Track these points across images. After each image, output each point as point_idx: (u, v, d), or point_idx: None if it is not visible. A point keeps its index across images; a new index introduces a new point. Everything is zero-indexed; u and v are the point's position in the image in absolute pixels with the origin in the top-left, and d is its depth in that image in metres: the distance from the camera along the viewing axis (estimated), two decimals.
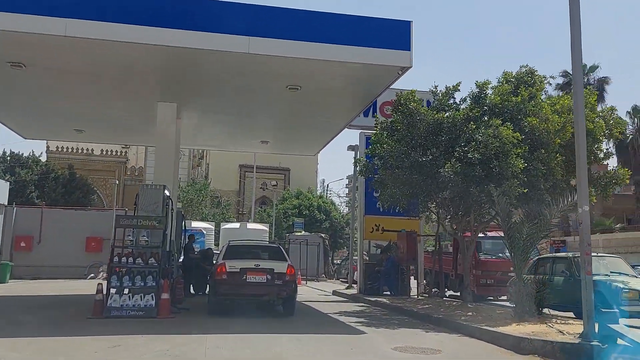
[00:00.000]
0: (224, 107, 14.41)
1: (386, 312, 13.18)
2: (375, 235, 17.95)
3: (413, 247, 16.15)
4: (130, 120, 16.09)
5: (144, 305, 10.33)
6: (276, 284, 10.84)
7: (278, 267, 11.05)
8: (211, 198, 43.74)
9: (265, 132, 17.18)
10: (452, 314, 11.40)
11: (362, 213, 18.02)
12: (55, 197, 35.33)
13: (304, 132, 17.10)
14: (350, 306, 14.46)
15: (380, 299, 15.18)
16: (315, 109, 14.36)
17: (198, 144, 19.74)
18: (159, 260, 10.66)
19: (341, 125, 16.27)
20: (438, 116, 12.01)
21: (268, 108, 14.44)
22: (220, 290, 10.78)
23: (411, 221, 17.83)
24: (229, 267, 10.82)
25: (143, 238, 10.64)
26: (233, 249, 11.96)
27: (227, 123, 16.05)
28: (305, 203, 44.57)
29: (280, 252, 11.93)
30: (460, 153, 11.16)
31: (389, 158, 12.29)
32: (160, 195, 11.39)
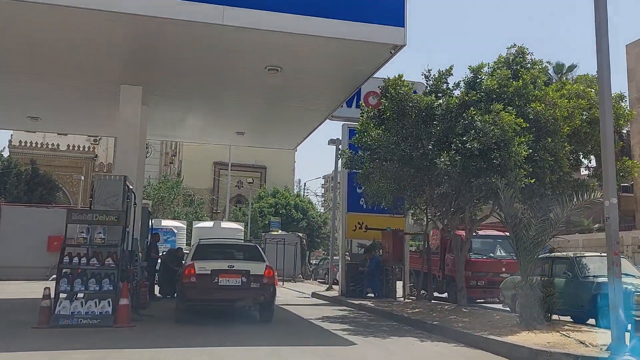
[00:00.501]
0: (196, 92, 13.06)
1: (373, 317, 12.03)
2: (359, 233, 16.81)
3: (399, 246, 15.06)
4: (91, 107, 14.58)
5: (99, 313, 8.96)
6: (252, 288, 9.58)
7: (254, 268, 9.80)
8: (184, 196, 42.09)
9: (241, 122, 15.87)
10: (447, 319, 10.32)
11: (344, 210, 16.86)
12: (17, 194, 33.57)
13: (283, 123, 15.85)
14: (332, 310, 13.27)
15: (364, 302, 14.04)
16: (296, 96, 13.13)
17: (168, 136, 18.31)
18: (118, 261, 9.29)
19: (323, 115, 15.07)
20: (430, 100, 10.89)
21: (245, 94, 13.15)
22: (188, 295, 9.46)
23: (396, 219, 16.78)
24: (198, 268, 9.52)
25: (99, 235, 9.25)
26: (203, 248, 10.66)
27: (199, 111, 14.70)
28: (282, 202, 43.35)
29: (257, 252, 10.67)
30: (458, 143, 10.07)
31: (377, 149, 11.15)
32: (120, 187, 10.01)
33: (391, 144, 11.01)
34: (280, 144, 19.30)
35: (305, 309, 13.62)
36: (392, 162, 10.90)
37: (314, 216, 45.68)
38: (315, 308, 14.09)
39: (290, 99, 13.40)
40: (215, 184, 48.79)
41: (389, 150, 10.97)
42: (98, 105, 14.32)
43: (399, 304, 13.91)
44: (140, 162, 13.93)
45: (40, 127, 17.04)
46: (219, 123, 15.97)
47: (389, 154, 10.94)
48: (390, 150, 10.96)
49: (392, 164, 10.88)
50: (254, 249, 10.95)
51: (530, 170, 9.75)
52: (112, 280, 9.19)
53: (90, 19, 8.90)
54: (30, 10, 8.54)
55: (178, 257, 15.10)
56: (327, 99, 13.48)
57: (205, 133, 17.66)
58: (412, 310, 12.17)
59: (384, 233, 15.78)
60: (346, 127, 16.98)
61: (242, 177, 48.40)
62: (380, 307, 12.98)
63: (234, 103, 13.84)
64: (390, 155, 10.92)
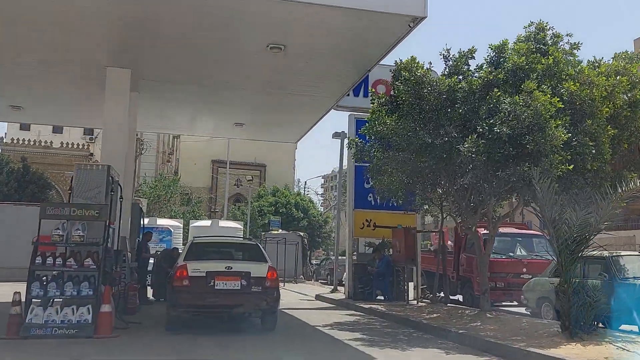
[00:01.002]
0: (190, 76, 11.90)
1: (386, 323, 10.87)
2: (367, 232, 15.63)
3: (412, 245, 13.88)
4: (77, 96, 13.44)
5: (77, 321, 7.79)
6: (253, 292, 8.41)
7: (256, 269, 8.63)
8: (181, 195, 40.87)
9: (239, 112, 14.70)
10: (472, 326, 9.17)
11: (351, 207, 15.68)
12: (7, 191, 32.37)
13: (285, 113, 14.69)
14: (340, 315, 12.11)
15: (374, 306, 12.88)
16: (300, 81, 11.99)
17: (161, 127, 17.15)
18: (99, 262, 8.12)
19: (329, 104, 13.93)
20: (452, 82, 9.73)
21: (244, 78, 12.00)
22: (180, 300, 8.29)
23: (407, 216, 15.64)
24: (191, 270, 8.34)
25: (77, 232, 8.08)
26: (198, 247, 9.50)
27: (194, 99, 13.52)
28: (282, 200, 42.29)
29: (258, 251, 9.50)
30: (484, 127, 8.90)
31: (392, 138, 9.98)
32: (103, 178, 8.84)
33: (408, 132, 9.84)
34: (282, 137, 18.13)
35: (311, 313, 12.45)
36: (408, 151, 9.73)
37: (314, 215, 44.61)
38: (322, 312, 12.92)
39: (293, 84, 12.26)
40: (213, 183, 47.55)
41: (405, 139, 9.80)
42: (85, 94, 13.17)
43: (413, 308, 12.75)
44: (130, 153, 12.79)
45: (23, 117, 15.84)
46: (216, 113, 14.80)
47: (405, 142, 9.77)
48: (407, 139, 9.79)
49: (409, 153, 9.71)
50: (255, 248, 9.77)
51: (569, 158, 8.58)
52: (93, 283, 8.02)
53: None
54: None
55: (173, 257, 13.89)
56: (333, 85, 12.34)
57: (202, 124, 16.49)
58: (429, 316, 11.02)
59: (394, 231, 14.61)
60: (353, 117, 15.79)
61: (241, 176, 47.20)
62: (393, 311, 11.82)
63: (232, 89, 12.68)
64: (407, 144, 9.75)
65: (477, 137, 8.78)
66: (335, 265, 18.77)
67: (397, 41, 9.74)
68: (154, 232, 26.23)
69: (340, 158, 18.55)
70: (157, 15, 8.99)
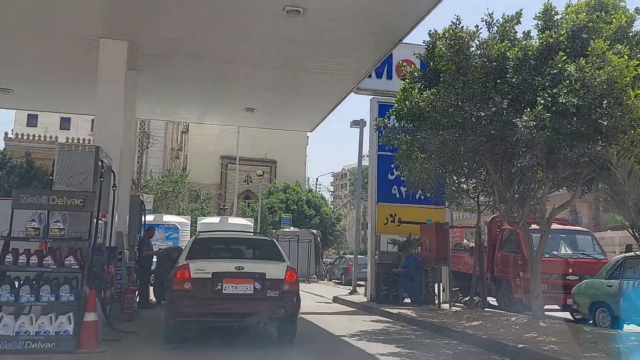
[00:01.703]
0: (196, 50, 10.50)
1: (421, 331, 9.37)
2: (391, 228, 14.14)
3: (443, 242, 12.37)
4: (70, 77, 12.07)
5: (56, 333, 6.38)
6: (269, 297, 6.96)
7: (272, 270, 7.18)
8: (189, 191, 39.57)
9: (250, 95, 13.25)
10: (529, 338, 7.66)
11: (373, 200, 14.20)
12: (8, 187, 31.39)
13: (301, 95, 13.23)
14: (366, 322, 10.62)
15: (403, 311, 11.38)
16: (319, 54, 10.55)
17: (165, 114, 15.74)
18: (84, 260, 6.70)
19: (350, 84, 12.45)
20: (503, 47, 8.21)
21: (256, 53, 10.57)
22: (180, 307, 6.85)
23: (435, 210, 14.19)
24: (194, 271, 6.90)
25: (57, 225, 6.67)
26: (203, 243, 8.07)
27: (200, 80, 12.09)
28: (293, 197, 40.87)
29: (274, 249, 8.01)
30: (546, 98, 7.38)
31: (430, 115, 8.48)
32: (90, 162, 7.43)
33: (449, 107, 8.34)
34: (296, 125, 16.64)
35: (332, 319, 11.00)
36: (449, 130, 8.22)
37: (327, 212, 43.17)
38: (344, 318, 11.47)
39: (311, 59, 10.80)
40: (222, 179, 46.13)
41: (445, 115, 8.29)
42: (78, 75, 11.81)
43: (447, 313, 11.25)
44: (128, 139, 11.38)
45: (14, 102, 14.49)
46: (225, 96, 13.36)
47: (446, 119, 8.27)
48: (449, 115, 8.29)
49: (450, 132, 8.20)
50: (270, 244, 8.29)
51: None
52: (75, 287, 6.61)
53: None
54: None
55: (172, 258, 12.45)
56: (355, 60, 10.92)
57: (210, 111, 15.07)
58: (470, 323, 9.51)
59: (423, 227, 13.12)
60: (375, 101, 14.32)
61: (251, 172, 45.84)
62: (426, 318, 10.33)
63: (243, 65, 11.24)
64: (448, 121, 8.25)
65: (540, 109, 7.25)
66: (355, 265, 17.25)
67: (432, 5, 8.31)
68: (159, 229, 25.20)
69: (360, 148, 17.07)
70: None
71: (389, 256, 14.33)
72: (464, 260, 14.50)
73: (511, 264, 12.96)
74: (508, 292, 13.02)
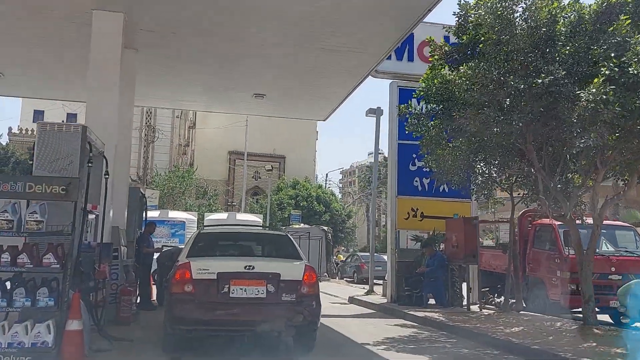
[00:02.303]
0: (201, 24, 9.43)
1: (454, 339, 8.25)
2: (412, 223, 13.01)
3: (473, 238, 11.25)
4: (59, 56, 11.07)
5: (32, 344, 5.36)
6: (285, 302, 5.90)
7: (288, 270, 6.13)
8: (196, 188, 38.61)
9: (260, 78, 12.18)
10: (592, 350, 6.55)
11: (393, 194, 13.09)
12: None
13: (314, 79, 12.16)
14: (389, 326, 9.54)
15: (429, 314, 10.30)
16: (334, 30, 9.50)
17: (168, 100, 14.65)
18: (66, 258, 5.66)
19: (368, 65, 11.36)
20: (554, 9, 7.06)
21: (267, 27, 9.50)
22: (180, 314, 5.81)
23: (460, 204, 13.10)
24: (196, 271, 5.86)
25: (33, 217, 5.63)
26: (207, 239, 7.03)
27: (206, 58, 11.03)
28: (303, 193, 39.88)
29: (289, 245, 6.94)
30: (613, 68, 6.25)
31: (467, 93, 7.36)
32: (76, 144, 6.38)
33: (489, 83, 7.22)
34: (309, 113, 15.55)
35: (351, 323, 9.92)
36: (491, 107, 7.10)
37: (337, 209, 42.13)
38: (364, 321, 10.41)
39: (326, 37, 9.76)
40: (230, 175, 45.12)
41: (485, 92, 7.17)
42: (71, 57, 10.83)
43: (479, 317, 10.14)
44: (126, 125, 10.36)
45: (4, 88, 13.49)
46: (232, 80, 12.27)
47: (486, 97, 7.14)
48: (489, 92, 7.17)
49: (494, 110, 7.07)
50: (285, 240, 7.19)
51: None
52: (55, 289, 5.57)
53: None
54: None
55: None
56: (374, 38, 9.91)
57: (216, 97, 14.00)
58: (509, 330, 8.40)
59: (449, 222, 12.01)
60: (396, 85, 13.20)
61: (259, 168, 44.84)
62: (458, 322, 9.23)
63: (251, 45, 10.19)
64: (489, 99, 7.13)
65: (602, 82, 6.13)
66: (372, 263, 16.16)
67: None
68: (165, 226, 24.27)
69: (376, 138, 15.96)
70: None
71: (410, 254, 13.20)
72: (493, 257, 13.35)
73: (546, 262, 11.82)
74: (542, 293, 11.89)
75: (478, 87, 7.20)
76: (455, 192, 12.79)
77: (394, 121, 13.12)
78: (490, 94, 7.07)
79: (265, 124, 42.32)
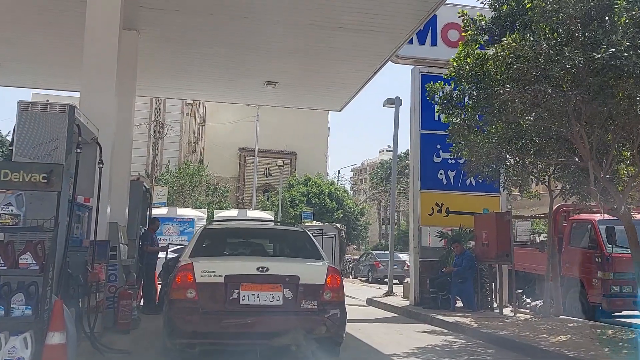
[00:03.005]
0: (206, 3, 8.56)
1: (493, 348, 7.29)
2: (437, 219, 12.05)
3: (506, 236, 10.26)
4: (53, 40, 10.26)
5: None
6: (305, 310, 5.00)
7: (308, 272, 5.23)
8: (206, 185, 37.89)
9: (272, 64, 11.29)
10: None
11: (416, 187, 12.12)
12: None
13: (330, 64, 11.27)
14: (417, 333, 8.61)
15: (459, 319, 9.33)
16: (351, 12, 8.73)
17: (173, 89, 13.79)
18: (48, 259, 4.80)
19: (388, 49, 10.49)
20: None
21: (278, 7, 8.62)
22: (181, 325, 4.92)
23: (488, 198, 12.14)
24: (201, 273, 4.96)
25: (8, 210, 4.77)
26: (212, 235, 6.13)
27: (213, 41, 10.17)
28: (315, 190, 39.04)
29: (308, 243, 6.01)
30: None
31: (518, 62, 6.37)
32: (62, 126, 5.51)
33: (537, 56, 6.24)
34: (324, 102, 14.61)
35: (374, 330, 8.99)
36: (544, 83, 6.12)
37: (350, 206, 41.23)
38: (388, 327, 9.46)
39: (343, 16, 8.98)
40: (241, 172, 44.38)
41: (535, 66, 6.19)
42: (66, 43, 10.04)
43: (515, 322, 9.15)
44: (127, 113, 9.48)
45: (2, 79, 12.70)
46: (241, 65, 11.39)
47: (537, 69, 6.17)
48: (537, 66, 6.19)
49: (545, 86, 6.09)
50: (303, 237, 6.23)
51: None
52: (34, 295, 4.71)
53: None
54: None
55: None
56: (395, 18, 9.11)
57: (224, 85, 13.13)
58: (555, 339, 7.41)
59: (479, 217, 11.04)
60: (418, 71, 12.23)
61: (270, 165, 44.05)
62: (494, 329, 8.26)
63: (262, 24, 9.30)
64: (539, 74, 6.15)
65: None
66: (391, 262, 15.20)
67: None
68: (173, 223, 23.51)
69: (395, 129, 14.99)
70: None
71: (433, 252, 12.27)
72: (523, 256, 12.34)
73: (584, 261, 10.80)
74: (581, 296, 10.88)
75: (524, 60, 6.22)
76: (482, 186, 11.85)
77: (416, 110, 12.20)
78: (541, 68, 6.09)
79: (276, 120, 41.55)
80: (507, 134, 8.10)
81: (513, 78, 6.37)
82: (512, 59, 6.38)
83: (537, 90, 6.03)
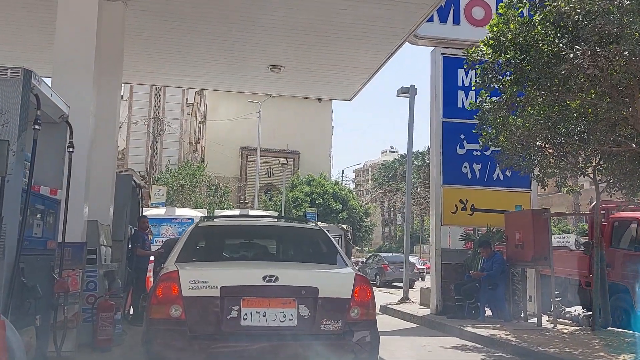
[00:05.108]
0: None
1: None
2: (461, 217, 10.84)
3: (544, 236, 9.03)
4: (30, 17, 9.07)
5: None
6: (327, 333, 3.77)
7: (329, 282, 4.03)
8: (207, 185, 36.74)
9: (276, 44, 10.06)
10: None
11: (437, 182, 10.91)
12: None
13: (341, 45, 10.02)
14: (446, 349, 7.39)
15: (492, 331, 8.12)
16: None
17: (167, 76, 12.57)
18: None
19: (405, 27, 9.22)
20: None
21: None
22: (163, 353, 3.70)
23: (517, 194, 10.97)
24: (189, 284, 3.74)
25: None
26: (206, 235, 4.86)
27: (211, 17, 8.97)
28: (319, 190, 37.88)
29: (327, 244, 4.76)
30: None
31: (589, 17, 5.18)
32: (15, 95, 4.30)
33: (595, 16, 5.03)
34: (333, 90, 13.31)
35: (396, 344, 7.75)
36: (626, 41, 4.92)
37: (355, 206, 40.06)
38: (411, 341, 8.24)
39: None
40: (242, 171, 43.13)
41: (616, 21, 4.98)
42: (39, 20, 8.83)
43: (559, 336, 7.93)
44: (112, 97, 8.27)
45: None
46: (242, 46, 10.14)
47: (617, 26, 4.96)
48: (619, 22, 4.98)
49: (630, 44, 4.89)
50: (321, 237, 4.93)
51: None
52: None
53: None
54: None
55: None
56: None
57: (224, 70, 11.85)
58: (617, 358, 6.19)
59: (510, 216, 9.83)
60: (439, 53, 11.05)
61: (272, 164, 42.82)
62: (534, 344, 7.04)
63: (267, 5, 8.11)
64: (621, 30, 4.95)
65: None
66: (406, 265, 13.97)
67: None
68: (171, 224, 22.25)
69: (410, 120, 13.75)
70: None
71: (456, 255, 11.04)
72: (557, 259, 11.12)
73: (630, 265, 9.58)
74: (624, 303, 9.67)
75: (595, 16, 5.02)
76: (511, 180, 10.72)
77: (438, 97, 11.02)
78: (622, 25, 4.87)
79: (279, 119, 40.36)
80: (551, 116, 6.92)
81: (582, 37, 5.15)
82: (579, 15, 5.16)
83: (616, 51, 4.81)
